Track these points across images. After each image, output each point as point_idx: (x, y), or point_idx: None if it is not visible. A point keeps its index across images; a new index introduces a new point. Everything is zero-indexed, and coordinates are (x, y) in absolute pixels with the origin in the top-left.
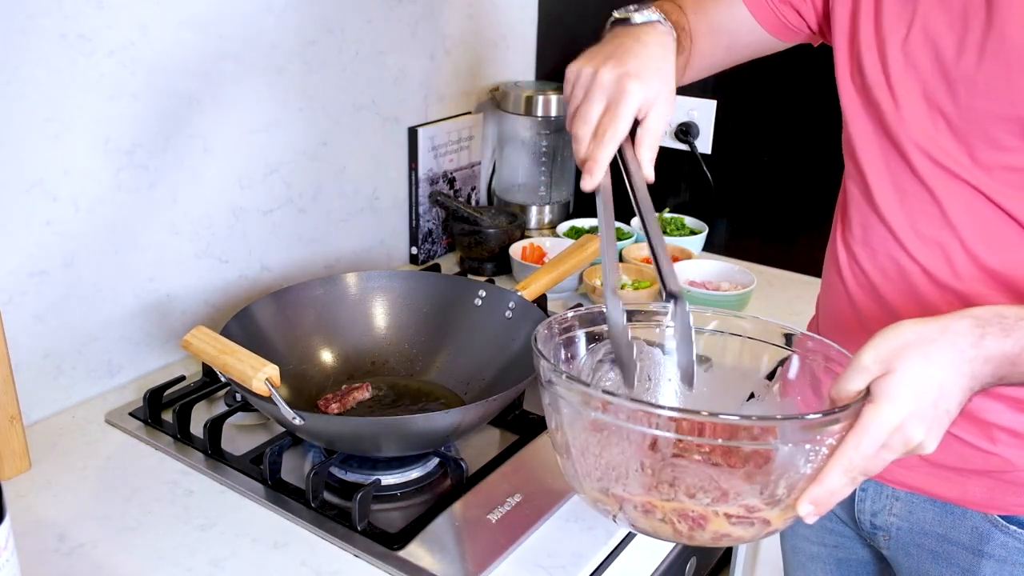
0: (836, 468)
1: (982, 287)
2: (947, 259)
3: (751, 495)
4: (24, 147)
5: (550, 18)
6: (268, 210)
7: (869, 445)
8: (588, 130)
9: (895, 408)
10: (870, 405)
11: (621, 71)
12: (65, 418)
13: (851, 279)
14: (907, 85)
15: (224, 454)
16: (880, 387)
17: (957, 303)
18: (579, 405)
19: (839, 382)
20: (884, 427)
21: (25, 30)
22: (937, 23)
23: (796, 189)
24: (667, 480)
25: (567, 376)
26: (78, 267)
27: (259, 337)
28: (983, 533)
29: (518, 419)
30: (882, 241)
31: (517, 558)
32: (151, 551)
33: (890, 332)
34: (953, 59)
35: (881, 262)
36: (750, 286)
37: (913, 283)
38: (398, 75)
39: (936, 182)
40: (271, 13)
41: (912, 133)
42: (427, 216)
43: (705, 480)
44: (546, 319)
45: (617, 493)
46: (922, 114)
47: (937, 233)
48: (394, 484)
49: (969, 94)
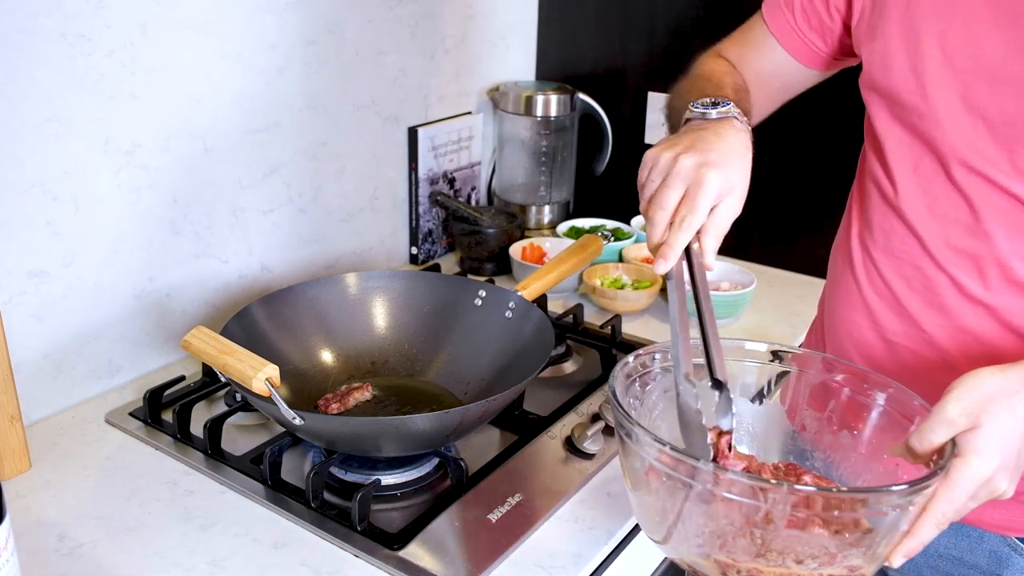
0: (930, 522)
1: (1014, 300)
2: (979, 271)
3: (856, 556)
4: (24, 147)
5: (550, 18)
6: (268, 210)
7: (960, 499)
8: (665, 216)
9: (985, 463)
10: (960, 460)
11: (701, 160)
12: (65, 418)
13: (868, 286)
14: (943, 86)
15: (224, 454)
16: (969, 442)
17: (986, 316)
18: (685, 477)
19: (922, 433)
20: (975, 482)
21: (25, 30)
22: (982, 19)
23: (796, 189)
24: (777, 548)
25: (673, 448)
26: (78, 267)
27: (259, 337)
28: (1001, 557)
29: (518, 419)
30: (907, 249)
31: (517, 558)
32: (151, 551)
33: (971, 383)
34: (1000, 59)
35: (905, 271)
36: (750, 286)
37: (940, 295)
38: (398, 75)
39: (973, 189)
40: (271, 13)
41: (948, 137)
42: (427, 216)
43: (817, 548)
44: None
45: (720, 559)
46: (960, 117)
47: (970, 243)
48: (394, 484)
49: (1018, 97)
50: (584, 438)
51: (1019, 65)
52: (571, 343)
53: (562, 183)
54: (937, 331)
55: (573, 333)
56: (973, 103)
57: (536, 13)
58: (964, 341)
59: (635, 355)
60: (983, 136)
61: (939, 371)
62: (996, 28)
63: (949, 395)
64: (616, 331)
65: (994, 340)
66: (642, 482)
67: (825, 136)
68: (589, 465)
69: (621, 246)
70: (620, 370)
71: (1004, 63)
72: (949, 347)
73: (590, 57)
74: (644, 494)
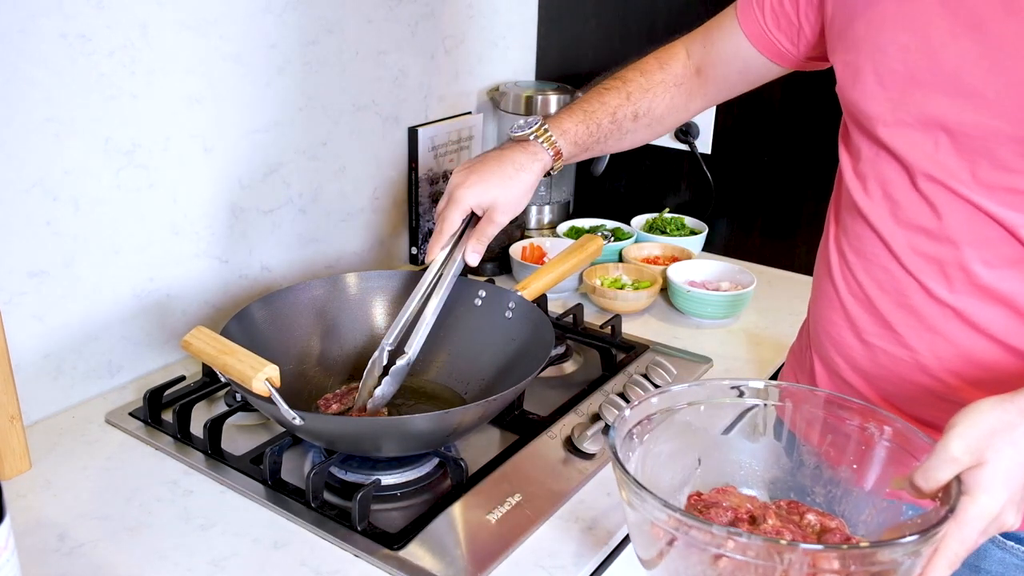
0: (942, 564)
1: (978, 302)
2: (944, 275)
3: None
4: (24, 147)
5: (550, 18)
6: (268, 210)
7: (971, 536)
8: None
9: (993, 500)
10: (968, 498)
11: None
12: (65, 418)
13: (844, 287)
14: (906, 98)
15: (224, 454)
16: (975, 479)
17: (954, 318)
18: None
19: (927, 471)
20: (984, 519)
21: (25, 30)
22: (940, 32)
23: (796, 189)
24: None
25: (683, 514)
26: (78, 267)
27: (259, 337)
28: (980, 550)
29: (518, 419)
30: (877, 252)
31: (517, 558)
32: (151, 551)
33: (972, 418)
34: (957, 71)
35: (876, 274)
36: (750, 286)
37: (908, 297)
38: (398, 75)
39: (937, 198)
40: (271, 13)
41: (912, 149)
42: (427, 216)
43: None
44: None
45: None
46: (922, 129)
47: (934, 249)
48: (394, 484)
49: (976, 110)
50: (584, 438)
51: (975, 77)
52: (571, 343)
53: (562, 183)
54: (908, 332)
55: (573, 333)
56: (934, 115)
57: (536, 13)
58: (934, 342)
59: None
60: (944, 147)
61: (913, 372)
62: (953, 40)
63: (951, 432)
64: (616, 331)
65: (962, 341)
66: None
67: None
68: (589, 465)
69: (621, 246)
70: (619, 426)
71: (961, 75)
72: (920, 348)
73: (590, 57)
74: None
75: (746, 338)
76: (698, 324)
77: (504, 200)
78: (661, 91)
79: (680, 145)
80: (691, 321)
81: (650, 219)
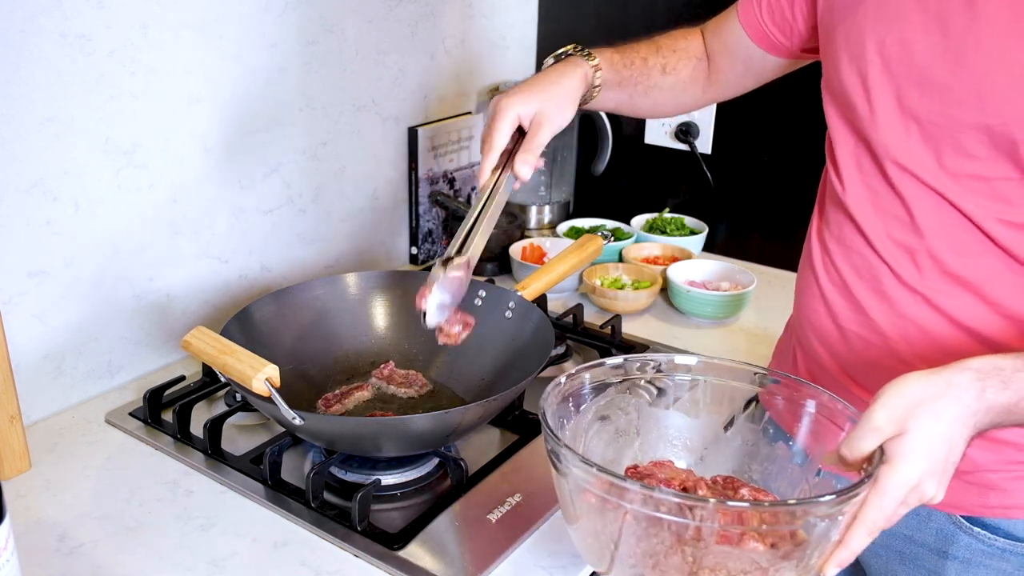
0: (861, 531)
1: (946, 289)
2: (914, 262)
3: (789, 569)
4: (24, 147)
5: (550, 18)
6: (268, 210)
7: (890, 505)
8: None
9: (912, 468)
10: (887, 467)
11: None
12: (65, 418)
13: (824, 275)
14: (882, 89)
15: (224, 454)
16: (895, 448)
17: (924, 304)
18: (614, 496)
19: (851, 441)
20: (903, 487)
21: (25, 30)
22: (914, 27)
23: (796, 189)
24: (709, 566)
25: (599, 469)
26: (78, 267)
27: (259, 337)
28: (947, 535)
29: (518, 419)
30: (854, 239)
31: (517, 558)
32: (151, 551)
33: (897, 389)
34: (928, 64)
35: (854, 260)
36: (750, 286)
37: (882, 283)
38: (398, 75)
39: (905, 188)
40: (271, 13)
41: (883, 138)
42: (427, 216)
43: (748, 563)
44: (552, 386)
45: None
46: (895, 119)
47: (906, 237)
48: (394, 484)
49: (943, 101)
50: None
51: (943, 70)
52: (571, 343)
53: (562, 183)
54: (881, 318)
55: (573, 333)
56: (906, 105)
57: (536, 13)
58: (904, 327)
59: (567, 375)
60: (914, 136)
61: (885, 357)
62: (925, 34)
63: (876, 402)
64: (616, 331)
65: (931, 327)
66: (577, 509)
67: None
68: None
69: (621, 246)
70: (552, 391)
71: (931, 67)
72: (892, 334)
73: None
74: (583, 521)
75: (746, 338)
76: (698, 324)
77: (549, 107)
78: (686, 57)
79: (680, 145)
80: (691, 321)
81: (650, 219)
